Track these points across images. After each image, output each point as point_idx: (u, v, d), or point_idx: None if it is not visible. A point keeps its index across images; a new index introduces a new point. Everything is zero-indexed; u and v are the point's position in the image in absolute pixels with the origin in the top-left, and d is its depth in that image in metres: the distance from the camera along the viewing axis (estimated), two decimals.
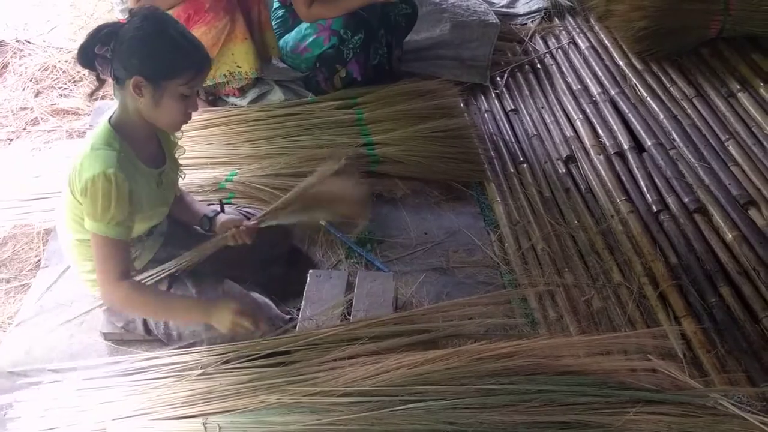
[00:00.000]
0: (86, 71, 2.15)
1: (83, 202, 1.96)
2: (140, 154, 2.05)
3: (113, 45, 1.90)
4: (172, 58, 1.93)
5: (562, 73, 3.92)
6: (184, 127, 2.10)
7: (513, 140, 3.45)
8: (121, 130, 1.99)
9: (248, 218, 2.36)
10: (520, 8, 4.45)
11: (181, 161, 2.32)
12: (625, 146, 3.28)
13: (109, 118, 2.01)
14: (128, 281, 2.04)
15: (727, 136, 3.23)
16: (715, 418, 1.87)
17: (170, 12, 3.01)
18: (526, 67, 3.98)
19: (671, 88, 3.60)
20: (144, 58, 1.90)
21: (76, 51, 1.95)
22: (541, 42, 4.18)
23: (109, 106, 3.16)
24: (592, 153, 3.27)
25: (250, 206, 2.68)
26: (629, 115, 3.46)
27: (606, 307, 2.54)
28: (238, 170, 2.88)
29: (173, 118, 2.03)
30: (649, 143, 3.27)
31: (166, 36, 1.92)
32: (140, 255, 2.21)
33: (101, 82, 2.01)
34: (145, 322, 2.24)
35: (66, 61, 3.82)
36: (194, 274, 2.26)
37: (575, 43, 4.11)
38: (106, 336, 2.35)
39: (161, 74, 1.93)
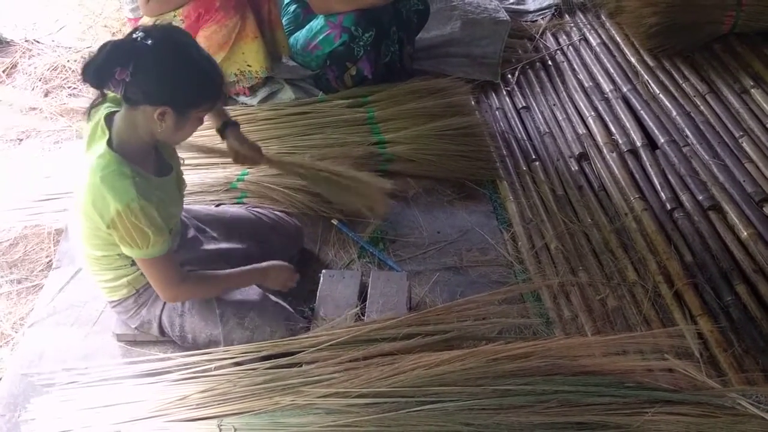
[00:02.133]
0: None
1: (115, 236, 1.93)
2: (148, 168, 1.99)
3: (132, 68, 1.79)
4: (201, 87, 1.89)
5: (573, 70, 3.89)
6: None
7: (525, 138, 3.43)
8: (124, 152, 1.91)
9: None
10: (531, 5, 4.43)
11: (192, 161, 2.31)
12: (638, 143, 3.26)
13: (108, 142, 1.90)
14: (186, 281, 2.09)
15: (741, 133, 3.21)
16: (734, 418, 1.87)
17: (180, 10, 3.01)
18: (537, 64, 3.96)
19: (684, 85, 3.58)
20: (174, 88, 1.84)
21: (84, 68, 1.80)
22: (552, 39, 4.16)
23: None
24: (604, 150, 3.25)
25: (261, 206, 2.68)
26: (642, 112, 3.44)
27: (621, 306, 2.53)
28: (249, 170, 2.87)
29: (186, 138, 2.03)
30: (662, 140, 3.24)
31: (195, 64, 1.86)
32: None
33: (104, 96, 1.92)
34: (160, 324, 2.23)
35: (75, 61, 3.81)
36: None
37: (586, 40, 4.08)
38: (119, 337, 2.34)
39: (190, 105, 1.90)
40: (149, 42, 1.80)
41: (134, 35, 1.81)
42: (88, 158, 1.92)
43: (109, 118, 1.95)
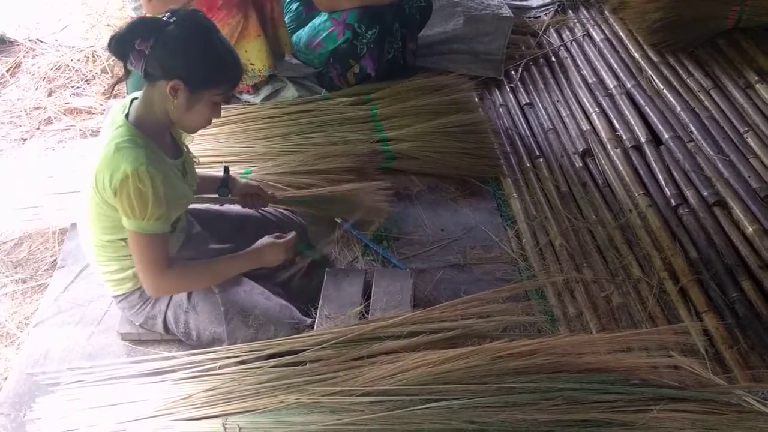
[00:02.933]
0: (112, 61, 2.13)
1: (117, 203, 1.94)
2: (161, 147, 2.03)
3: (153, 42, 1.87)
4: (215, 68, 1.95)
5: (577, 66, 3.88)
6: None
7: (528, 134, 3.42)
8: (140, 126, 1.96)
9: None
10: (534, 1, 4.42)
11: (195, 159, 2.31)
12: (642, 139, 3.25)
13: (125, 116, 1.97)
14: (173, 269, 2.06)
15: (746, 128, 3.20)
16: (739, 415, 1.86)
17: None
18: (541, 60, 3.95)
19: (688, 80, 3.57)
20: (189, 64, 1.90)
21: (109, 40, 1.90)
22: (555, 35, 4.15)
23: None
24: (608, 146, 3.24)
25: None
26: (646, 107, 3.43)
27: (626, 302, 2.52)
28: (252, 168, 2.87)
29: (199, 124, 2.06)
30: (667, 136, 3.23)
31: (212, 45, 1.93)
32: None
33: (128, 73, 1.97)
34: (165, 320, 2.24)
35: (78, 60, 3.81)
36: None
37: (590, 36, 4.07)
38: (124, 336, 2.35)
39: (202, 83, 1.94)
40: (173, 20, 1.89)
41: (163, 16, 1.91)
42: (105, 132, 2.00)
43: (132, 102, 2.03)
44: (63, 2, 4.32)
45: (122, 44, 1.89)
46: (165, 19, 1.90)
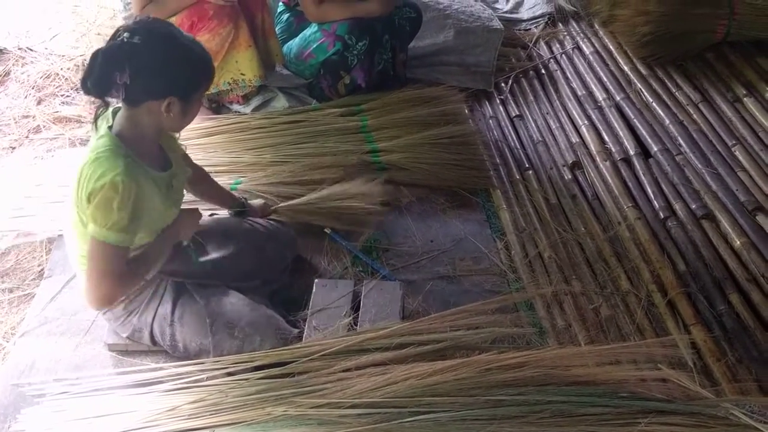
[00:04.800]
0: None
1: (89, 209, 1.89)
2: (146, 159, 2.00)
3: (129, 69, 1.82)
4: (199, 69, 1.96)
5: (566, 78, 3.90)
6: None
7: (518, 147, 3.43)
8: (123, 137, 1.93)
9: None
10: (524, 14, 4.44)
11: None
12: (631, 152, 3.26)
13: (109, 128, 1.94)
14: (123, 276, 1.97)
15: (734, 142, 3.22)
16: (727, 429, 1.86)
17: (173, 18, 3.00)
18: (531, 72, 3.97)
19: (677, 93, 3.59)
20: (175, 78, 1.90)
21: (83, 82, 1.85)
22: (545, 47, 4.17)
23: None
24: (598, 159, 3.25)
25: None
26: (635, 120, 3.45)
27: (614, 315, 2.53)
28: (242, 178, 2.86)
29: (190, 122, 2.07)
30: (656, 149, 3.25)
31: (186, 49, 1.91)
32: None
33: (107, 105, 1.97)
34: (151, 333, 2.22)
35: (68, 69, 3.80)
36: (201, 287, 2.25)
37: (579, 49, 4.10)
38: (111, 347, 2.33)
39: (192, 88, 1.95)
40: (137, 40, 1.83)
41: (119, 37, 1.84)
42: (89, 144, 1.97)
43: (115, 113, 2.00)
44: (54, 11, 4.31)
45: (100, 84, 1.85)
46: (126, 39, 1.83)
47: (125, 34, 1.84)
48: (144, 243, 2.06)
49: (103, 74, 1.83)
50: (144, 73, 1.85)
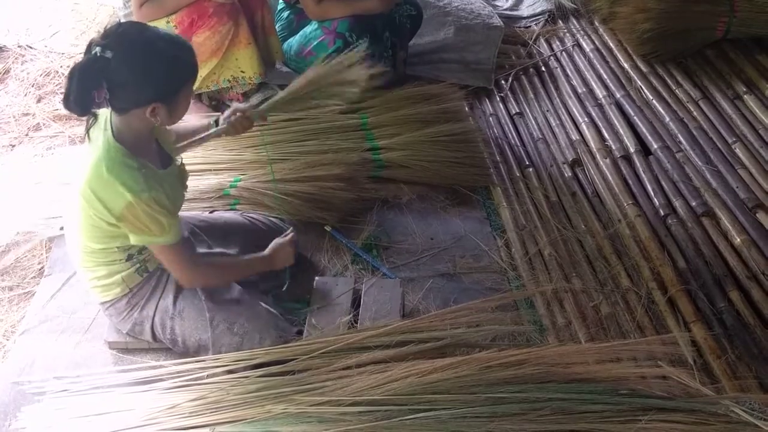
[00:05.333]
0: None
1: (123, 226, 1.96)
2: (149, 160, 2.02)
3: (107, 85, 1.83)
4: (178, 70, 1.94)
5: (566, 75, 3.90)
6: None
7: (518, 144, 3.42)
8: (124, 142, 1.94)
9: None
10: (524, 11, 4.44)
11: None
12: (632, 149, 3.26)
13: (112, 134, 1.94)
14: (199, 266, 2.16)
15: (734, 139, 3.22)
16: (727, 426, 1.86)
17: (173, 16, 3.00)
18: (531, 70, 3.96)
19: (677, 91, 3.59)
20: (154, 84, 1.88)
21: (65, 102, 1.84)
22: (545, 45, 4.16)
23: None
24: (598, 156, 3.25)
25: (254, 212, 2.67)
26: (635, 118, 3.44)
27: (614, 312, 2.53)
28: (242, 176, 2.86)
29: (183, 115, 2.07)
30: (656, 146, 3.25)
31: (163, 55, 1.88)
32: (152, 257, 2.17)
33: (95, 117, 1.95)
34: (152, 326, 2.23)
35: (68, 66, 3.79)
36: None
37: (579, 46, 4.09)
38: (111, 345, 2.33)
39: (175, 89, 1.94)
40: (109, 54, 1.81)
41: (93, 51, 1.83)
42: (91, 149, 1.96)
43: (110, 117, 2.00)
44: (53, 8, 4.31)
45: (81, 102, 1.84)
46: (100, 53, 1.81)
47: (97, 49, 1.82)
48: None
49: (81, 92, 1.82)
50: (122, 86, 1.85)
